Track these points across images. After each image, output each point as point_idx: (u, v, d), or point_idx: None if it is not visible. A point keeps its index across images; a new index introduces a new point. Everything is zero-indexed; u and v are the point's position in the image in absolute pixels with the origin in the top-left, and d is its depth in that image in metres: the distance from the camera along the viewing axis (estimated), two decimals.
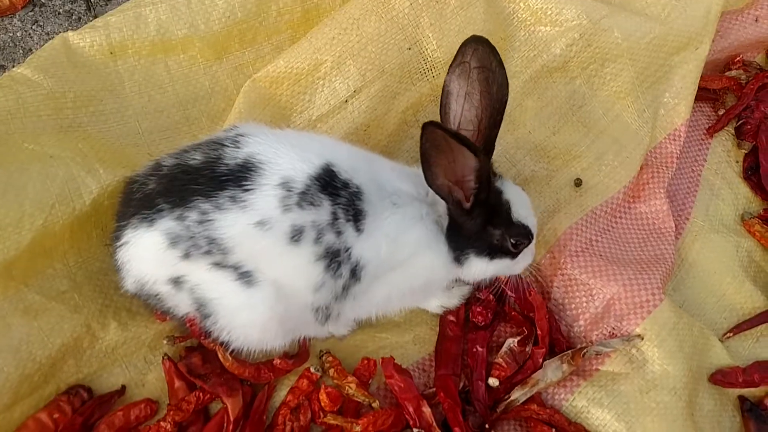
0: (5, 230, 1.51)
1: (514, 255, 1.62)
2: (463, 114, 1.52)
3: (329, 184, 1.42)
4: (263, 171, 1.38)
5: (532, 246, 1.66)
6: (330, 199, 1.41)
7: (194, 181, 1.38)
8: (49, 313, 1.56)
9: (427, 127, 1.29)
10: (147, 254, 1.42)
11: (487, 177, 1.46)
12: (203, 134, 1.87)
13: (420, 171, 1.44)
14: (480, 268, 1.63)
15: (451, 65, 1.50)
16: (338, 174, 1.44)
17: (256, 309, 1.44)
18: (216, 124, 1.92)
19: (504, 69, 1.48)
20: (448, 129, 1.33)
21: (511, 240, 1.58)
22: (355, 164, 1.49)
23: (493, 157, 1.59)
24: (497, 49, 1.47)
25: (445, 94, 1.52)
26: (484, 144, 1.52)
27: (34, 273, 1.59)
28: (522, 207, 1.60)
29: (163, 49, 1.89)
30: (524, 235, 1.60)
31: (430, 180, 1.44)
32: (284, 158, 1.41)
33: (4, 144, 1.63)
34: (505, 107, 1.51)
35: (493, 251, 1.60)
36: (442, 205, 1.56)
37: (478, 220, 1.55)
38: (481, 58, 1.46)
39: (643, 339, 1.73)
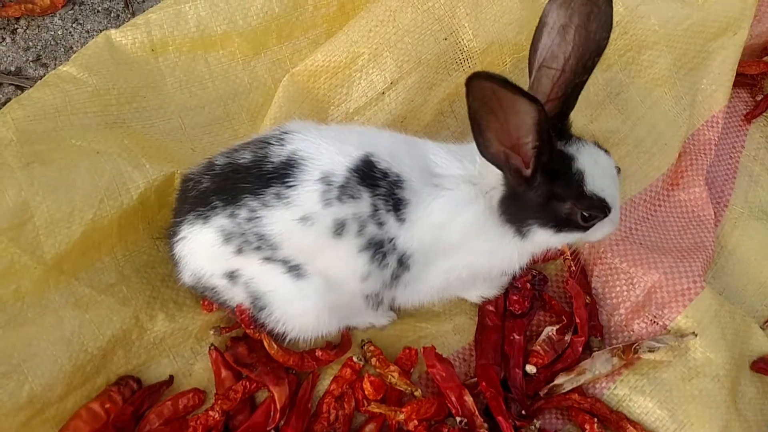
0: (56, 225, 1.55)
1: (585, 228, 1.46)
2: (551, 48, 1.34)
3: (368, 175, 1.41)
4: (305, 167, 1.40)
5: (613, 215, 1.47)
6: (369, 190, 1.41)
7: (244, 180, 1.41)
8: (99, 305, 1.59)
9: (473, 80, 1.12)
10: (203, 249, 1.46)
11: (548, 134, 1.26)
12: (243, 129, 1.91)
13: (467, 146, 1.36)
14: (544, 239, 1.49)
15: None
16: (377, 164, 1.43)
17: (308, 300, 1.47)
18: (255, 120, 1.94)
19: (611, 9, 1.30)
20: (497, 76, 1.11)
21: (583, 213, 1.42)
22: (395, 152, 1.47)
23: None
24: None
25: (540, 26, 1.35)
26: (563, 92, 1.37)
27: (84, 266, 1.63)
28: (600, 176, 1.41)
29: (203, 45, 1.91)
30: (599, 209, 1.42)
31: (483, 148, 1.29)
32: (324, 153, 1.41)
33: (53, 140, 1.67)
34: (601, 53, 1.32)
35: (561, 224, 1.44)
36: (493, 178, 1.43)
37: (542, 189, 1.39)
38: None
39: (696, 336, 1.71)
